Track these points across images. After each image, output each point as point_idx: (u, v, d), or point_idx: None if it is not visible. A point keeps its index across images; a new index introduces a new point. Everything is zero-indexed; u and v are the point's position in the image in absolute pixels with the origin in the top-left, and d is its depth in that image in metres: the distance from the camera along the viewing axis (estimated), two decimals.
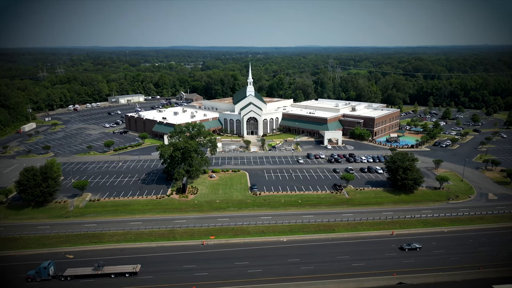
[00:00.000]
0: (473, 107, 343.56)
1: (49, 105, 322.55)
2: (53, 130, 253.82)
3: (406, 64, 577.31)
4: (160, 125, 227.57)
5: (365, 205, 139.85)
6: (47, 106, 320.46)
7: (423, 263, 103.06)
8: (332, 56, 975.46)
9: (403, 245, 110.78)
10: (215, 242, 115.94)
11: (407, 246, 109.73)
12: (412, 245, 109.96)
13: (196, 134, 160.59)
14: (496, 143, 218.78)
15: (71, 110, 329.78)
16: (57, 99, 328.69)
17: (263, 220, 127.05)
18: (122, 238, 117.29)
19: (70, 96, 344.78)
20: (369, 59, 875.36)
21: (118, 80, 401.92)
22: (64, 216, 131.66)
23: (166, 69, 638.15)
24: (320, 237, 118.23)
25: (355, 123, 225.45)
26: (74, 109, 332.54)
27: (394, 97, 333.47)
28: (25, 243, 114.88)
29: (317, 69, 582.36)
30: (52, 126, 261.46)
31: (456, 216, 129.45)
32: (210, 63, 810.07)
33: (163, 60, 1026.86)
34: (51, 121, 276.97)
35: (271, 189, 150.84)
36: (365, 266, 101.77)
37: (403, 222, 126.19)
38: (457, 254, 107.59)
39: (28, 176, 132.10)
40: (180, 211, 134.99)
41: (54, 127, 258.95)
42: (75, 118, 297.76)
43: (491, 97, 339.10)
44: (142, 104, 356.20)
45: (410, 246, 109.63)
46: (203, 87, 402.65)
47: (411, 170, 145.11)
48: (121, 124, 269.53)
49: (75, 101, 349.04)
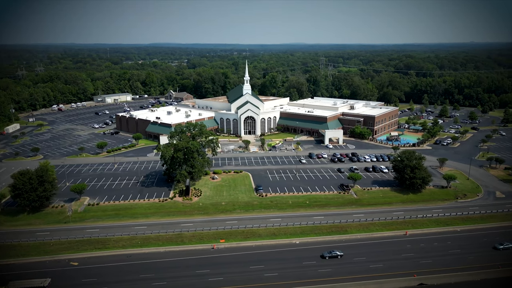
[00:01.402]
0: (468, 105, 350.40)
1: (32, 105, 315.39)
2: (39, 131, 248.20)
3: (397, 62, 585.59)
4: (154, 125, 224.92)
5: (374, 205, 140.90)
6: (29, 106, 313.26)
7: (441, 263, 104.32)
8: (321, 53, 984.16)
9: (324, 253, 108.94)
10: (226, 245, 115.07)
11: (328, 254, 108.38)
12: None
13: (197, 133, 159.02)
14: (495, 141, 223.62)
15: (55, 110, 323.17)
16: (40, 98, 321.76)
17: (273, 222, 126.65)
18: (128, 244, 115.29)
19: (54, 96, 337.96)
20: (358, 56, 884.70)
21: (104, 78, 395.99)
22: (63, 221, 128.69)
23: (151, 66, 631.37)
24: (333, 239, 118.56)
25: (355, 122, 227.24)
26: (59, 109, 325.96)
27: (390, 95, 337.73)
28: (25, 250, 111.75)
29: (306, 67, 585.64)
30: (38, 127, 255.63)
31: (467, 215, 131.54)
32: (195, 60, 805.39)
33: (145, 58, 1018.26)
34: (35, 122, 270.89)
35: (276, 190, 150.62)
36: (383, 268, 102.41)
37: (415, 222, 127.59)
38: (474, 253, 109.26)
39: (23, 179, 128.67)
40: (185, 214, 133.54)
41: (39, 128, 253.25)
42: (61, 118, 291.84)
43: (486, 95, 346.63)
44: (130, 104, 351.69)
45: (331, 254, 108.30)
46: (192, 86, 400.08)
47: (419, 169, 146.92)
48: (111, 124, 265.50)
49: (58, 100, 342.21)
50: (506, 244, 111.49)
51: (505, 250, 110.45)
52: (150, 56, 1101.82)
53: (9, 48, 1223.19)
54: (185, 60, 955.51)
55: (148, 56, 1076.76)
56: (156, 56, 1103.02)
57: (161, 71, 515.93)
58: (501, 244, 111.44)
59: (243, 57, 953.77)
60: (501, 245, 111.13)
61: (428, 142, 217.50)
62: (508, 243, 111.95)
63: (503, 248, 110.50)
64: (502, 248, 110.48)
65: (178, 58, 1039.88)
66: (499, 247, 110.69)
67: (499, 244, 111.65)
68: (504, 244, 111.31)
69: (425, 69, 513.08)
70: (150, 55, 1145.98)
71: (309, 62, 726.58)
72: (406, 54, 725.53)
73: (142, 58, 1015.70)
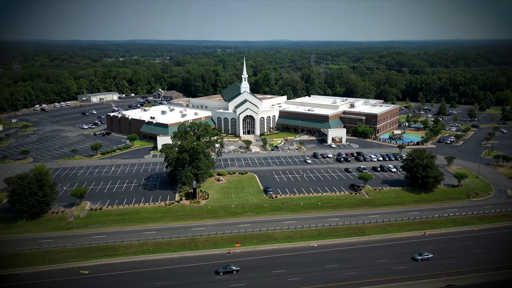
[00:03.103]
0: (464, 102, 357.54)
1: (12, 105, 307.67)
2: (24, 133, 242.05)
3: (389, 59, 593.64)
4: (149, 125, 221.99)
5: (387, 206, 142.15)
6: (10, 106, 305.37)
7: (465, 263, 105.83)
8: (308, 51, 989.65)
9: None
10: (242, 250, 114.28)
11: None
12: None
13: (203, 133, 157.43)
14: (498, 139, 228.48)
15: (38, 110, 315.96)
16: (22, 98, 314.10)
17: (288, 225, 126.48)
18: (139, 250, 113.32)
19: (36, 95, 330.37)
20: (346, 54, 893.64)
21: (88, 76, 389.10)
22: (65, 227, 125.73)
23: (133, 64, 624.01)
24: (352, 241, 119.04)
25: (357, 120, 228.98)
26: (41, 109, 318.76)
27: (387, 92, 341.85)
28: (29, 259, 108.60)
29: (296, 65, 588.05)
30: (23, 128, 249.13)
31: (483, 214, 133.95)
32: (179, 58, 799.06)
33: (124, 55, 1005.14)
34: (19, 123, 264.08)
35: (285, 191, 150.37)
36: (407, 269, 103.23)
37: (433, 222, 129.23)
38: (496, 252, 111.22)
39: (23, 184, 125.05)
40: (195, 218, 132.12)
41: (24, 130, 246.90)
42: (45, 119, 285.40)
43: (481, 92, 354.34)
44: (118, 103, 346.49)
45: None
46: (181, 84, 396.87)
47: (431, 167, 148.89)
48: (101, 125, 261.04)
49: (41, 100, 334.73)
50: (425, 254, 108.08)
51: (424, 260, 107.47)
52: (129, 53, 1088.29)
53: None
54: (167, 57, 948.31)
55: (127, 54, 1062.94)
56: (136, 53, 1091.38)
57: (146, 69, 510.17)
58: (420, 255, 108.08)
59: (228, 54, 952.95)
60: (420, 256, 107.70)
61: (431, 140, 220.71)
62: (428, 253, 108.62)
63: (421, 259, 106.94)
64: (421, 259, 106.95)
65: (159, 56, 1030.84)
66: (417, 258, 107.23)
67: (418, 255, 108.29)
68: (424, 254, 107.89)
69: (417, 66, 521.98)
70: (129, 52, 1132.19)
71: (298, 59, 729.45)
72: (397, 51, 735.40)
73: (121, 55, 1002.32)
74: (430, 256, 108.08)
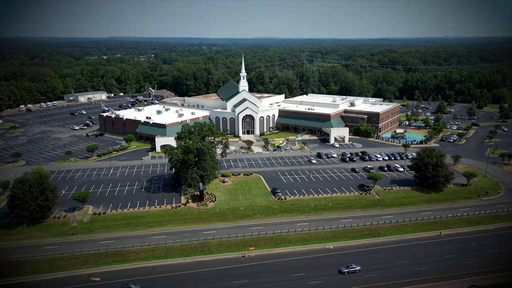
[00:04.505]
0: (460, 100, 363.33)
1: None
2: (11, 134, 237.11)
3: (381, 57, 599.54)
4: (145, 125, 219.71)
5: (399, 206, 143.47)
6: None
7: (485, 263, 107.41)
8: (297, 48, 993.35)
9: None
10: (257, 253, 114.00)
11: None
12: None
13: (208, 133, 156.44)
14: (500, 137, 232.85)
15: (24, 111, 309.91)
16: (6, 98, 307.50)
17: (301, 227, 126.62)
18: (150, 255, 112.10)
19: (20, 95, 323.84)
20: (336, 51, 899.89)
21: (74, 75, 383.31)
22: (69, 233, 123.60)
23: (118, 62, 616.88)
24: (368, 242, 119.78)
25: (359, 119, 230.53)
26: (27, 109, 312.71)
27: (385, 91, 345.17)
28: (35, 267, 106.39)
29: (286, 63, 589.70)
30: (10, 130, 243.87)
31: (496, 213, 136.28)
32: (165, 56, 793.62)
33: (106, 53, 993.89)
34: (6, 124, 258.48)
35: (294, 192, 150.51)
36: (429, 270, 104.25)
37: (447, 222, 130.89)
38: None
39: (24, 188, 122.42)
40: (204, 221, 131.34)
41: (12, 131, 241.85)
42: (33, 120, 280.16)
43: (477, 90, 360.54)
44: (107, 103, 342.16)
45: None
46: (172, 83, 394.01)
47: (441, 166, 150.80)
48: (92, 125, 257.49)
49: (25, 100, 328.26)
50: (352, 266, 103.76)
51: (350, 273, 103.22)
52: (111, 51, 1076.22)
53: None
54: (151, 55, 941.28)
55: (109, 51, 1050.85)
56: (118, 50, 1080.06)
57: (133, 67, 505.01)
58: (347, 267, 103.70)
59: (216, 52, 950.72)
60: (346, 268, 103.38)
61: (434, 139, 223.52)
62: (355, 266, 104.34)
63: (348, 272, 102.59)
64: (347, 272, 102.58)
65: (143, 53, 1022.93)
66: (343, 271, 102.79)
67: (344, 268, 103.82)
68: (351, 267, 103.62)
69: (410, 64, 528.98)
70: (111, 49, 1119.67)
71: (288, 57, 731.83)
72: (388, 49, 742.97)
73: (103, 53, 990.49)
74: (358, 268, 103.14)
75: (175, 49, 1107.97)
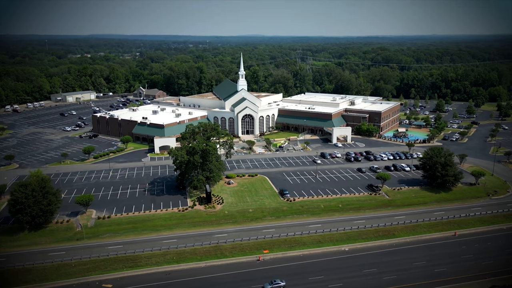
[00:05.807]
0: (456, 99, 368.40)
1: None
2: (0, 136, 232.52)
3: (374, 55, 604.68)
4: (141, 126, 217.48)
5: (410, 206, 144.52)
6: None
7: (503, 263, 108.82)
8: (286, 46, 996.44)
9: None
10: (271, 256, 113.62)
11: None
12: None
13: (213, 134, 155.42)
14: (501, 135, 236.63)
15: (10, 112, 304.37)
16: None
17: (314, 229, 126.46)
18: (162, 260, 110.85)
19: (5, 95, 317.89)
20: (327, 50, 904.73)
21: (61, 74, 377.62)
22: (75, 238, 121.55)
23: (103, 60, 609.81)
24: (383, 243, 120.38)
25: (360, 118, 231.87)
26: (14, 110, 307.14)
27: (382, 89, 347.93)
28: (43, 274, 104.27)
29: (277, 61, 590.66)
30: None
31: (508, 212, 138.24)
32: (151, 54, 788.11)
33: (89, 51, 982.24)
34: None
35: (302, 193, 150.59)
36: (448, 272, 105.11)
37: (460, 222, 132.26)
38: None
39: (26, 192, 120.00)
40: (213, 224, 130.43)
41: (1, 133, 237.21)
42: (21, 121, 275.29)
43: (474, 88, 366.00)
44: (97, 103, 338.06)
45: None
46: (163, 82, 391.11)
47: (450, 165, 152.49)
48: (84, 126, 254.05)
49: (11, 100, 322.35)
50: (277, 282, 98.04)
51: None
52: (94, 49, 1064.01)
53: None
54: (136, 53, 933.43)
55: (92, 49, 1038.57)
56: (101, 49, 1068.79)
57: (120, 66, 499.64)
58: (270, 283, 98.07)
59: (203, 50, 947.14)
60: (270, 284, 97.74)
61: (436, 138, 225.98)
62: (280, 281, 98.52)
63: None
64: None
65: (128, 51, 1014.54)
66: (267, 287, 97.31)
67: (268, 284, 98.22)
68: (275, 283, 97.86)
69: (403, 62, 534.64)
70: (93, 47, 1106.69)
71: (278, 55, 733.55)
72: (380, 47, 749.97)
73: (85, 51, 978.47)
74: (282, 284, 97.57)
75: (161, 47, 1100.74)
